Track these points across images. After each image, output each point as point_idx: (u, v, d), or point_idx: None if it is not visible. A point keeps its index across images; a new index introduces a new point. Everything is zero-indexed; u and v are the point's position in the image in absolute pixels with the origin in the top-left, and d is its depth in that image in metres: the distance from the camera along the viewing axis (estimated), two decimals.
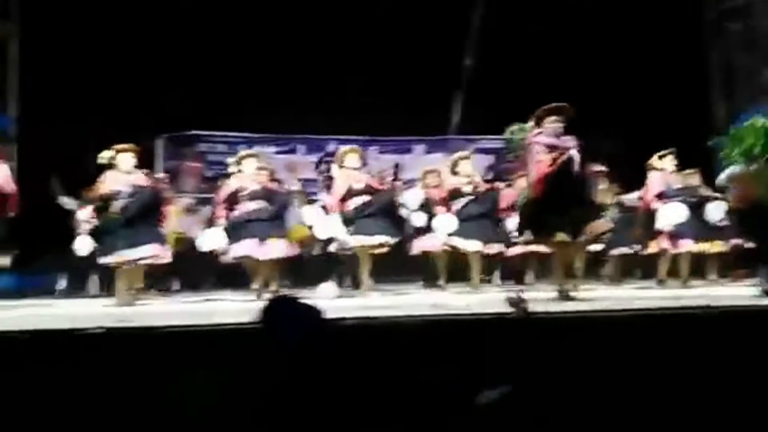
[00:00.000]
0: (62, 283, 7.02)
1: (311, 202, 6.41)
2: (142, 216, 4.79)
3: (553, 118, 4.07)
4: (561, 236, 4.01)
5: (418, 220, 5.80)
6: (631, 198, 6.42)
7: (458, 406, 2.11)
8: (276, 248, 5.12)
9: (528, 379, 2.22)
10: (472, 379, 2.17)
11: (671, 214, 5.47)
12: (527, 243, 5.28)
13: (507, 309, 2.66)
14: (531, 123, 4.22)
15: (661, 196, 5.69)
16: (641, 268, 7.00)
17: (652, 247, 5.84)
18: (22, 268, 6.28)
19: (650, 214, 5.69)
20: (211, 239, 5.32)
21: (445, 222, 5.53)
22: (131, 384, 2.28)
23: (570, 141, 4.03)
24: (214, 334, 2.59)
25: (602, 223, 4.14)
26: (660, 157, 5.85)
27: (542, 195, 3.96)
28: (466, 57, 7.99)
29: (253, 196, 5.25)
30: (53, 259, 6.81)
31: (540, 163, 3.98)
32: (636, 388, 2.22)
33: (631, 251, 6.42)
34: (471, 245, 5.49)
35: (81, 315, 3.65)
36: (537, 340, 2.47)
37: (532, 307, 2.69)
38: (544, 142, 4.01)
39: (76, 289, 6.87)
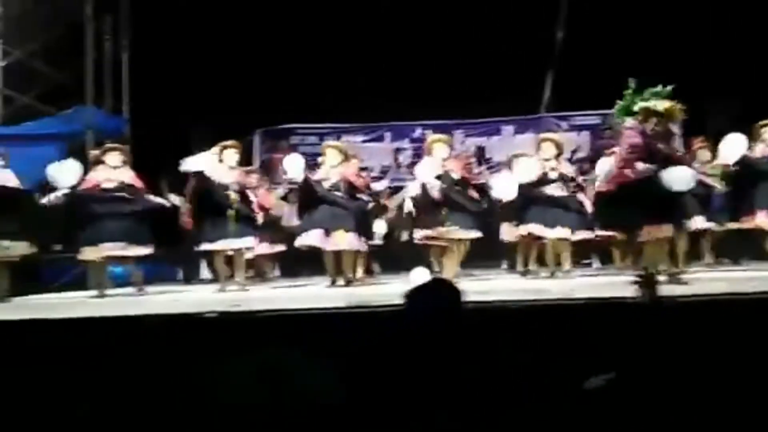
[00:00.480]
0: (179, 272, 7.60)
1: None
2: (242, 209, 5.08)
3: (655, 120, 3.77)
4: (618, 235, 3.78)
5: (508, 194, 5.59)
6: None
7: (566, 391, 2.06)
8: (341, 240, 5.12)
9: (636, 365, 2.13)
10: (580, 364, 2.10)
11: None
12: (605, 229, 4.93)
13: (632, 293, 2.52)
14: (638, 105, 3.91)
15: None
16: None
17: (748, 223, 5.28)
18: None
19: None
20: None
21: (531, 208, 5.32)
22: (243, 363, 2.43)
23: (662, 145, 3.72)
24: (313, 317, 2.69)
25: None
26: (762, 127, 5.27)
27: (616, 193, 3.80)
28: (557, 28, 7.56)
29: (333, 188, 5.27)
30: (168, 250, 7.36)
31: (624, 161, 3.74)
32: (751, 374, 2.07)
33: (721, 229, 5.82)
34: (558, 233, 5.24)
35: (197, 300, 3.93)
36: (647, 324, 2.36)
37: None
38: (632, 142, 3.73)
39: (191, 278, 7.40)
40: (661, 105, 3.74)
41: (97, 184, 5.07)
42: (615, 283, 3.83)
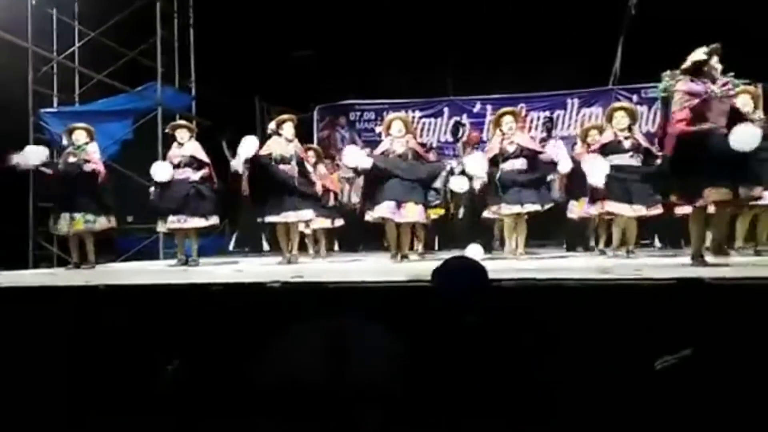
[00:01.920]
0: (232, 242, 7.89)
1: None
2: (301, 183, 5.18)
3: (704, 61, 3.53)
4: (676, 198, 3.60)
5: (564, 166, 5.36)
6: None
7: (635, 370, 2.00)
8: (412, 212, 5.12)
9: (707, 345, 2.04)
10: (651, 343, 2.03)
11: None
12: (669, 205, 4.61)
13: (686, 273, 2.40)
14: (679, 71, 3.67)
15: None
16: None
17: None
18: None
19: None
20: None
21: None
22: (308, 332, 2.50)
23: (719, 85, 3.47)
24: (374, 290, 2.71)
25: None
26: None
27: (673, 152, 3.54)
28: None
29: (402, 158, 5.23)
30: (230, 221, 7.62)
31: (678, 115, 3.51)
32: None
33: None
34: (633, 210, 4.98)
35: (260, 271, 4.05)
36: (714, 304, 2.24)
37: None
38: (682, 89, 3.51)
39: (245, 248, 7.66)
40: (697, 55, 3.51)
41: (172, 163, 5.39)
42: (681, 264, 3.67)
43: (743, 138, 3.32)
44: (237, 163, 6.41)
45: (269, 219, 5.25)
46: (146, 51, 7.46)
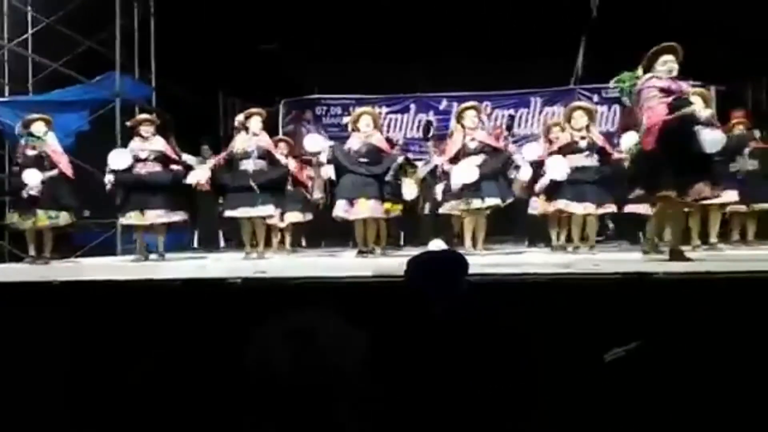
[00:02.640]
0: (194, 239, 7.76)
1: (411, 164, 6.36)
2: (270, 177, 5.14)
3: (664, 58, 3.64)
4: (669, 193, 3.59)
5: (525, 173, 5.51)
6: None
7: (586, 362, 2.05)
8: (364, 208, 5.11)
9: (658, 337, 2.12)
10: (608, 336, 2.09)
11: None
12: (639, 201, 4.68)
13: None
14: (639, 70, 3.78)
15: None
16: None
17: None
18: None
19: None
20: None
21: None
22: (265, 330, 2.47)
23: (686, 84, 3.60)
24: (338, 286, 2.70)
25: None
26: None
27: (656, 146, 3.56)
28: None
29: (357, 154, 5.24)
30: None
31: (653, 109, 3.58)
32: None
33: (747, 209, 5.70)
34: (584, 208, 5.12)
35: (222, 267, 3.99)
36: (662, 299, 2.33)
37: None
38: (657, 85, 3.59)
39: (205, 244, 7.54)
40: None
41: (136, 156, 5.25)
42: (640, 259, 3.79)
43: (714, 141, 3.44)
44: (189, 159, 6.35)
45: (229, 214, 5.19)
46: (105, 40, 7.19)
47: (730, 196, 5.20)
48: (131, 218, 5.19)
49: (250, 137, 5.24)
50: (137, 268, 4.48)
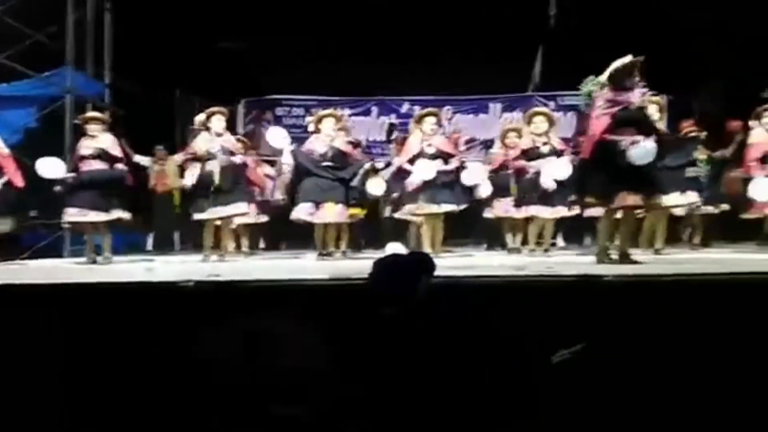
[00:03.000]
0: (149, 242, 7.57)
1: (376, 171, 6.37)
2: (234, 177, 5.07)
3: (625, 73, 3.76)
4: (592, 200, 3.82)
5: (484, 190, 5.64)
6: (722, 153, 6.00)
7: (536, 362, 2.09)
8: (331, 213, 5.11)
9: (606, 338, 2.19)
10: (551, 337, 2.13)
11: (762, 189, 4.95)
12: (583, 206, 4.78)
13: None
14: (603, 76, 3.89)
15: (764, 160, 5.13)
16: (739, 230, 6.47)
17: (751, 214, 5.35)
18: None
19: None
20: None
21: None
22: (216, 333, 2.41)
23: (637, 94, 3.71)
24: (294, 289, 2.67)
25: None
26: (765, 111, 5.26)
27: (590, 156, 3.74)
28: (550, 5, 7.47)
29: (322, 157, 5.22)
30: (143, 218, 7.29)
31: (597, 119, 3.72)
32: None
33: (717, 211, 5.97)
34: (553, 212, 5.23)
35: (174, 270, 3.88)
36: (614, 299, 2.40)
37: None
38: (606, 96, 3.72)
39: (161, 246, 7.36)
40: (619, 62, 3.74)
41: (81, 155, 5.08)
42: (590, 262, 3.90)
43: (640, 154, 3.55)
44: (142, 160, 6.20)
45: (198, 217, 5.12)
46: (56, 34, 6.92)
47: (688, 198, 5.42)
48: (72, 216, 5.01)
49: (213, 137, 5.14)
50: (83, 271, 4.32)
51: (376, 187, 5.77)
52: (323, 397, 2.32)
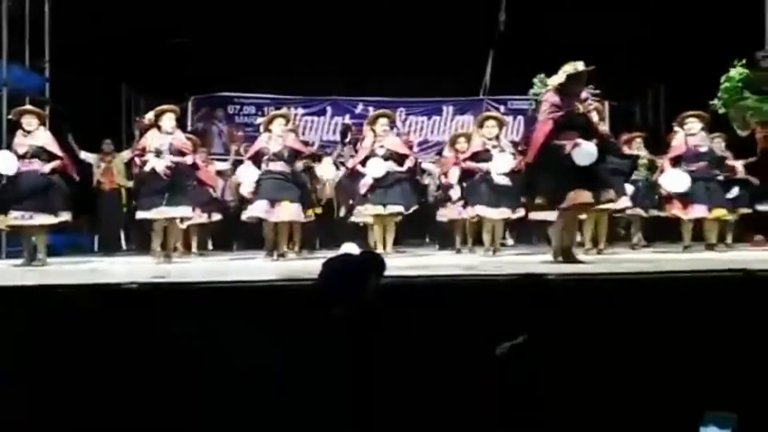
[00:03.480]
0: (95, 243, 7.29)
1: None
2: (182, 177, 4.94)
3: (574, 80, 3.88)
4: (543, 202, 3.93)
5: (455, 192, 5.69)
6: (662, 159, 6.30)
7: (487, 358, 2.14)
8: (287, 211, 5.06)
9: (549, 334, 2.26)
10: (504, 333, 2.19)
11: (673, 181, 5.30)
12: (533, 209, 4.96)
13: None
14: (554, 78, 4.00)
15: (677, 161, 5.48)
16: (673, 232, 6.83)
17: (667, 211, 5.71)
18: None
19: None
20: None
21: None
22: (161, 336, 2.36)
23: (579, 102, 3.85)
24: (242, 290, 2.63)
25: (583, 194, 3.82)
26: (688, 117, 5.53)
27: (533, 161, 3.87)
28: (501, 12, 7.65)
29: (276, 157, 5.16)
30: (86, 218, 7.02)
31: (541, 124, 3.85)
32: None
33: (646, 215, 6.25)
34: (500, 213, 5.35)
35: (119, 271, 3.76)
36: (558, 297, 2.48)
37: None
38: (550, 100, 3.84)
39: (107, 247, 7.10)
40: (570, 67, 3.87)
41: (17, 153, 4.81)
42: (541, 261, 4.03)
43: (582, 155, 3.69)
44: (87, 157, 5.96)
45: (142, 215, 4.95)
46: None
47: (622, 202, 5.66)
48: (16, 220, 4.72)
49: (163, 135, 4.99)
50: (21, 273, 4.11)
51: (327, 170, 5.69)
52: (274, 400, 2.30)
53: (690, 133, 5.49)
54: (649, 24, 7.63)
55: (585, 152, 3.67)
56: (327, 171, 6.06)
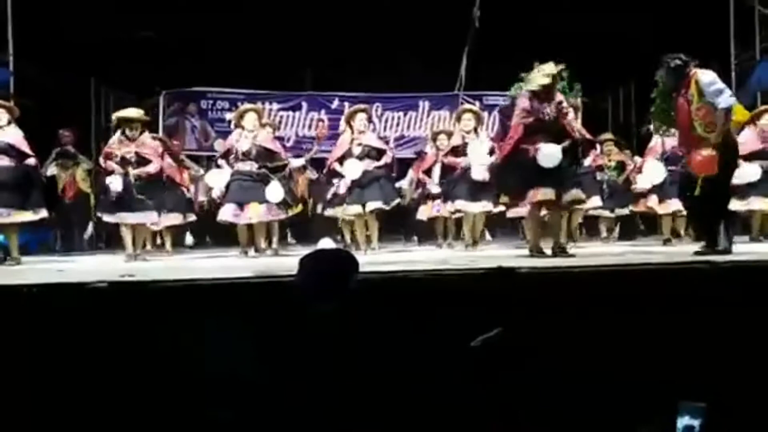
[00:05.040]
0: (58, 241, 7.12)
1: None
2: (147, 184, 4.85)
3: (546, 81, 3.94)
4: (507, 199, 4.15)
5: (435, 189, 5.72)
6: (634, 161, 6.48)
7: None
8: (255, 212, 4.98)
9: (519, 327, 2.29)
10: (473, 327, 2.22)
11: (650, 175, 5.46)
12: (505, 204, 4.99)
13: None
14: (528, 82, 4.08)
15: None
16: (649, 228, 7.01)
17: (640, 207, 5.89)
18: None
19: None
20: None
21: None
22: (131, 336, 2.32)
23: (552, 106, 3.91)
24: (213, 288, 2.60)
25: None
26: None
27: (503, 161, 4.02)
28: (475, 8, 7.71)
29: (245, 157, 5.09)
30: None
31: (514, 127, 3.94)
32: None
33: (613, 215, 6.42)
34: (481, 207, 5.39)
35: (88, 270, 3.68)
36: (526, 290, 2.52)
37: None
38: (522, 105, 3.92)
39: (71, 246, 6.97)
40: (548, 68, 3.93)
41: None
42: (516, 255, 4.07)
43: (545, 157, 3.77)
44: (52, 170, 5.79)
45: (106, 219, 4.90)
46: None
47: (593, 202, 5.78)
48: None
49: (128, 144, 4.90)
50: None
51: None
52: (252, 399, 2.29)
53: (667, 135, 5.61)
54: (622, 21, 7.75)
55: (548, 155, 3.77)
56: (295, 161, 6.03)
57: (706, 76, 3.64)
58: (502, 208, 5.50)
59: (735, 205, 5.49)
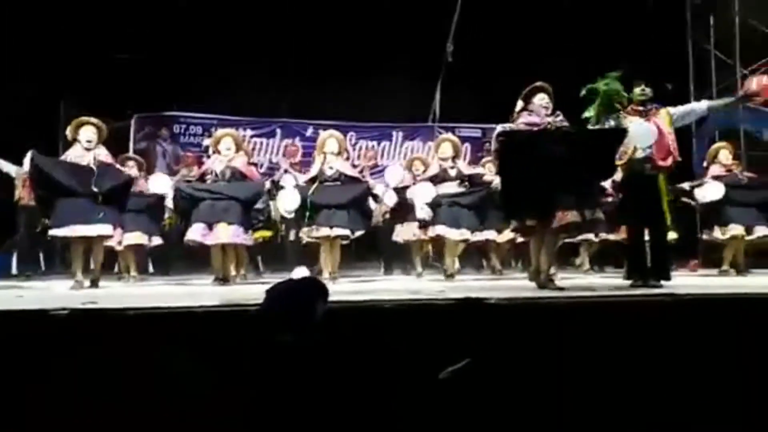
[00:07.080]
0: (14, 265, 6.79)
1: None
2: (110, 194, 4.64)
3: (539, 96, 4.03)
4: (514, 224, 4.01)
5: (423, 213, 5.51)
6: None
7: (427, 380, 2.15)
8: (224, 233, 4.83)
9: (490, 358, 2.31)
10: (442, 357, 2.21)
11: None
12: (514, 230, 4.64)
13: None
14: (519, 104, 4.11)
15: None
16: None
17: (618, 235, 5.81)
18: None
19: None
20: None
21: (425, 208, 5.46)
22: (96, 364, 2.24)
23: (551, 119, 3.97)
24: (179, 316, 2.54)
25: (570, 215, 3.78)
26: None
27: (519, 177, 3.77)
28: (448, 42, 7.90)
29: (219, 178, 5.03)
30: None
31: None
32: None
33: (597, 240, 6.36)
34: (460, 234, 5.37)
35: (47, 296, 3.55)
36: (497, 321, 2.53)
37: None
38: (523, 120, 3.96)
39: (25, 269, 6.68)
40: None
41: None
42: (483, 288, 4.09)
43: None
44: (5, 166, 5.60)
45: (55, 233, 4.48)
46: None
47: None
48: None
49: (83, 152, 4.71)
50: None
51: (290, 200, 5.44)
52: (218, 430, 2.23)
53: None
54: (588, 62, 7.99)
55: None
56: (291, 201, 5.88)
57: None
58: (480, 235, 5.55)
59: (716, 233, 5.70)
